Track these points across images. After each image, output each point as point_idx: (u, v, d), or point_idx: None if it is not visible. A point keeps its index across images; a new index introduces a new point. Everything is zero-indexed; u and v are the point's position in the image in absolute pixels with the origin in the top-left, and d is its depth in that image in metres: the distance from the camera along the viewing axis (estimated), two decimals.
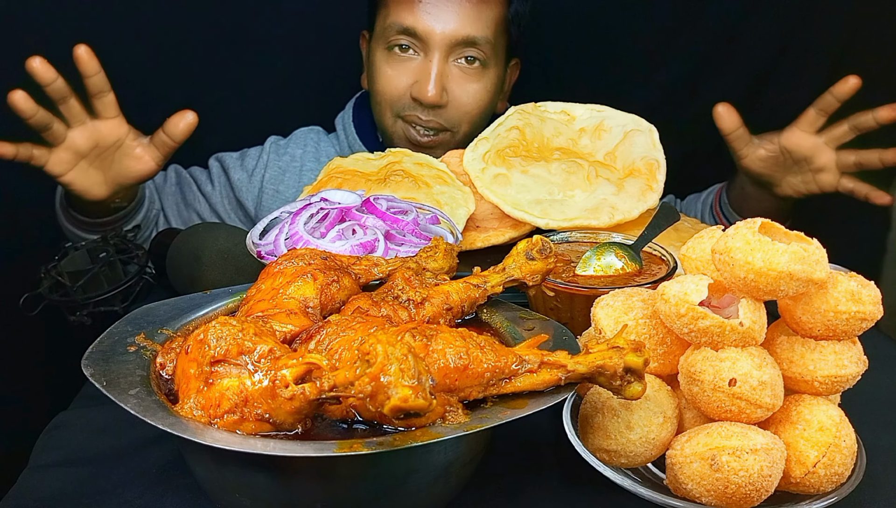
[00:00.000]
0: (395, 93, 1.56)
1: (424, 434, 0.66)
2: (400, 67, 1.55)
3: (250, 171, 1.69)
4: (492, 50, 1.56)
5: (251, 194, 1.68)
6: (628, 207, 1.25)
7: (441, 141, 1.58)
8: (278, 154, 1.70)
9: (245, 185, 1.68)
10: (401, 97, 1.56)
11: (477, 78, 1.56)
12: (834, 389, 0.77)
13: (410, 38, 1.52)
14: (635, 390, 0.71)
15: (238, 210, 1.70)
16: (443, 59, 1.52)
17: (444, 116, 1.56)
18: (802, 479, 0.74)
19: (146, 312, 0.87)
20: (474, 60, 1.54)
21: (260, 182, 1.67)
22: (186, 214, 1.67)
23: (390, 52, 1.55)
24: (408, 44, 1.53)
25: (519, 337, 0.85)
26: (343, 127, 1.73)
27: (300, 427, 0.68)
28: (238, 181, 1.68)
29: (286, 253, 0.92)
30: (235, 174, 1.68)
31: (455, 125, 1.58)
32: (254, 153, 1.72)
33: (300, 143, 1.73)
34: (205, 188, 1.68)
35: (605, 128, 1.38)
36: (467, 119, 1.58)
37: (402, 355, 0.62)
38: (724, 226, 1.50)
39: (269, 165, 1.68)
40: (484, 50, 1.54)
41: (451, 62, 1.53)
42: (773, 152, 1.41)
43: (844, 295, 0.74)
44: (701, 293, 0.73)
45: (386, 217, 1.13)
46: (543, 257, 0.92)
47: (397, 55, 1.55)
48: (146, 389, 0.72)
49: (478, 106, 1.58)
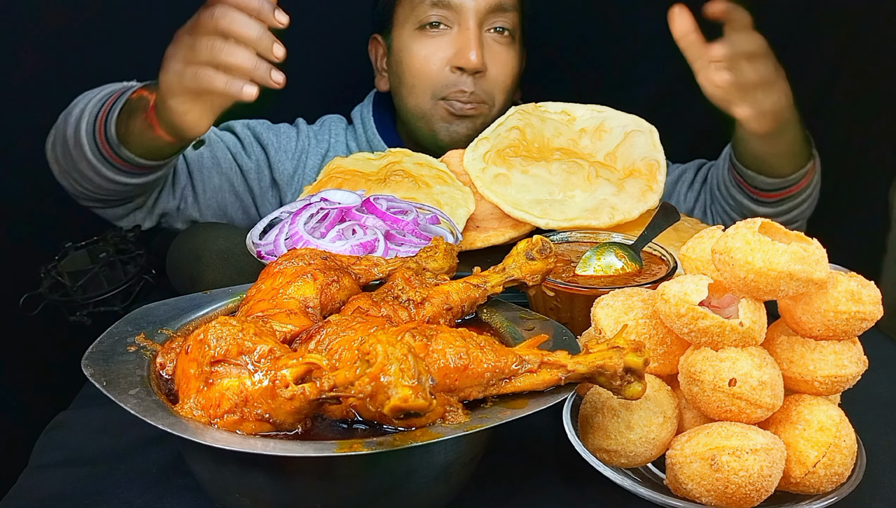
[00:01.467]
0: (433, 71, 1.54)
1: (424, 434, 0.66)
2: (435, 44, 1.54)
3: (290, 153, 1.63)
4: (518, 20, 1.58)
5: (292, 179, 1.62)
6: (628, 207, 1.25)
7: (480, 112, 1.56)
8: (317, 140, 1.67)
9: (286, 168, 1.61)
10: (440, 74, 1.54)
11: (508, 47, 1.57)
12: (834, 389, 0.77)
13: (443, 10, 1.52)
14: (635, 390, 0.71)
15: (271, 189, 1.62)
16: (479, 27, 1.52)
17: (484, 87, 1.55)
18: (802, 479, 0.74)
19: (146, 312, 0.87)
20: (503, 31, 1.56)
21: (303, 168, 1.63)
22: (218, 180, 1.54)
23: (422, 32, 1.54)
24: (438, 19, 1.53)
25: (519, 337, 0.85)
26: (361, 121, 1.70)
27: (300, 427, 0.68)
28: (279, 163, 1.61)
29: (286, 253, 0.92)
30: (276, 155, 1.61)
31: (491, 97, 1.57)
32: (288, 133, 1.64)
33: (332, 130, 1.70)
34: (241, 159, 1.57)
35: (605, 129, 1.38)
36: (501, 90, 1.58)
37: (402, 355, 0.62)
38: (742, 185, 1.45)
39: (309, 151, 1.64)
40: (512, 20, 1.56)
41: (484, 32, 1.54)
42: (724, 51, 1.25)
43: (844, 295, 0.74)
44: (701, 293, 0.73)
45: (386, 217, 1.13)
46: (543, 257, 0.92)
47: (429, 33, 1.54)
48: (146, 389, 0.72)
49: (511, 76, 1.58)
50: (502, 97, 1.58)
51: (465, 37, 1.52)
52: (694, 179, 1.66)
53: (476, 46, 1.51)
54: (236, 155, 1.58)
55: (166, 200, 1.48)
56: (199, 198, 1.53)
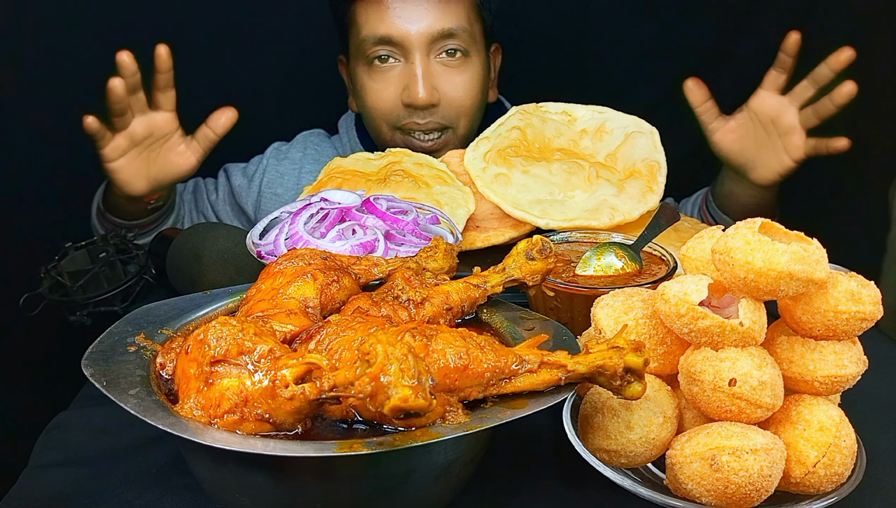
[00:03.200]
0: (386, 106, 1.55)
1: (424, 434, 0.66)
2: (384, 79, 1.54)
3: (250, 176, 1.71)
4: (470, 38, 1.55)
5: (250, 199, 1.69)
6: (629, 208, 1.25)
7: (445, 142, 1.57)
8: (278, 159, 1.71)
9: (245, 190, 1.70)
10: (393, 108, 1.55)
11: (462, 69, 1.55)
12: (834, 389, 0.77)
13: (388, 46, 1.51)
14: (635, 390, 0.71)
15: (240, 215, 1.72)
16: (425, 58, 1.51)
17: (441, 115, 1.55)
18: (802, 479, 0.74)
19: (146, 312, 0.87)
20: (455, 52, 1.53)
21: (259, 186, 1.69)
22: (196, 218, 1.72)
23: (371, 67, 1.54)
24: (387, 53, 1.52)
25: (519, 337, 0.85)
26: (346, 130, 1.73)
27: (300, 427, 0.68)
28: (238, 187, 1.70)
29: (286, 253, 0.92)
30: (236, 180, 1.71)
31: (453, 121, 1.56)
32: (256, 160, 1.74)
33: (300, 146, 1.73)
34: (211, 197, 1.72)
35: (606, 129, 1.38)
36: (464, 112, 1.57)
37: (402, 355, 0.62)
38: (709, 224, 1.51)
39: (267, 169, 1.70)
40: (462, 40, 1.53)
41: (434, 59, 1.52)
42: (741, 120, 1.43)
43: (844, 295, 0.74)
44: (701, 293, 0.73)
45: (386, 217, 1.13)
46: (543, 257, 0.92)
47: (378, 67, 1.54)
48: (146, 389, 0.72)
49: (470, 97, 1.57)
50: (466, 120, 1.58)
51: (411, 73, 1.51)
52: None
53: (423, 82, 1.49)
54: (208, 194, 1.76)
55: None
56: None
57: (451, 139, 1.58)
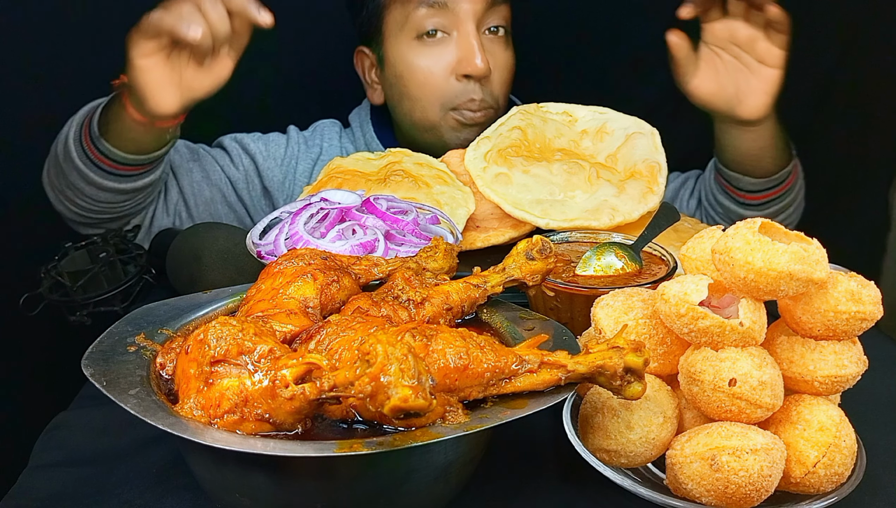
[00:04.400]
0: (439, 81, 1.51)
1: (424, 434, 0.66)
2: (436, 53, 1.50)
3: (279, 160, 1.63)
4: (509, 16, 1.55)
5: (282, 185, 1.62)
6: (629, 208, 1.25)
7: (488, 118, 1.53)
8: (307, 146, 1.65)
9: (276, 175, 1.62)
10: (447, 84, 1.51)
11: (505, 46, 1.55)
12: (834, 389, 0.77)
13: (440, 16, 1.48)
14: (635, 390, 0.71)
15: (263, 198, 1.63)
16: (477, 30, 1.50)
17: (490, 90, 1.53)
18: (802, 479, 0.74)
19: (146, 312, 0.87)
20: (498, 29, 1.53)
21: (293, 173, 1.62)
22: (209, 192, 1.58)
23: (420, 42, 1.50)
24: (435, 27, 1.49)
25: (519, 337, 0.85)
26: (360, 124, 1.68)
27: (300, 427, 0.68)
28: (268, 171, 1.61)
29: (286, 253, 0.92)
30: (264, 162, 1.62)
31: (496, 100, 1.55)
32: (278, 141, 1.65)
33: (325, 136, 1.68)
34: (229, 171, 1.60)
35: (607, 130, 1.38)
36: (503, 91, 1.56)
37: (402, 355, 0.62)
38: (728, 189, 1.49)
39: (299, 156, 1.63)
40: (504, 14, 1.53)
41: (482, 33, 1.51)
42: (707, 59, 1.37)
43: (844, 295, 0.74)
44: (701, 293, 0.73)
45: (386, 217, 1.13)
46: (543, 257, 0.92)
47: (427, 42, 1.50)
48: (146, 389, 0.72)
49: (511, 76, 1.56)
50: (503, 100, 1.57)
51: (467, 42, 1.48)
52: (694, 187, 1.68)
53: (480, 51, 1.48)
54: (224, 167, 1.60)
55: (161, 217, 1.53)
56: (192, 212, 1.56)
57: (492, 116, 1.53)
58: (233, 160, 1.61)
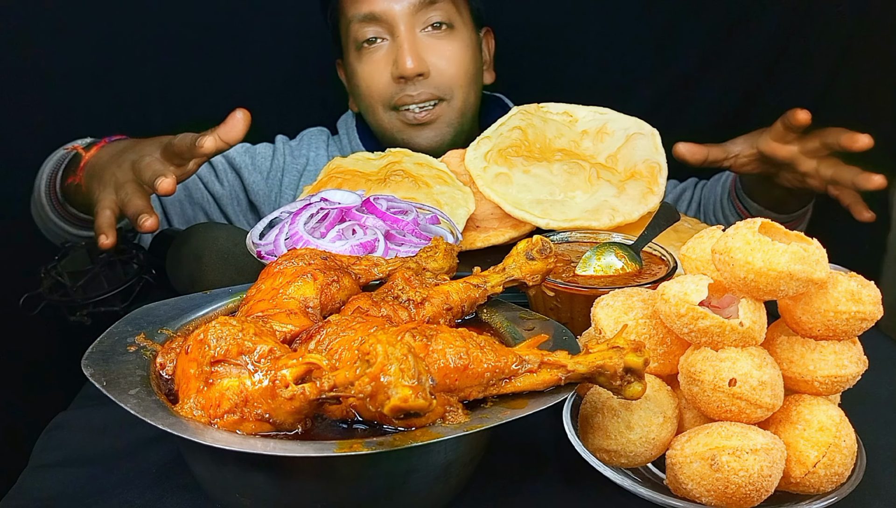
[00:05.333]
0: (379, 84, 1.56)
1: (424, 434, 0.66)
2: (374, 60, 1.55)
3: (265, 173, 1.66)
4: (454, 10, 1.57)
5: (268, 198, 1.65)
6: (629, 209, 1.25)
7: (439, 113, 1.57)
8: (293, 156, 1.68)
9: (261, 188, 1.65)
10: (386, 87, 1.55)
11: (449, 40, 1.56)
12: (834, 389, 0.77)
13: (374, 25, 1.53)
14: (635, 390, 0.71)
15: (249, 212, 1.66)
16: (410, 31, 1.52)
17: (434, 85, 1.55)
18: (802, 479, 0.74)
19: (146, 312, 0.87)
20: (440, 25, 1.55)
21: (278, 186, 1.65)
22: (191, 212, 1.62)
23: (360, 51, 1.56)
24: (374, 35, 1.54)
25: (519, 337, 0.85)
26: (346, 131, 1.72)
27: (300, 427, 0.68)
28: (254, 184, 1.65)
29: (286, 253, 0.92)
30: (249, 176, 1.65)
31: (446, 92, 1.57)
32: (265, 153, 1.67)
33: (312, 145, 1.71)
34: (213, 188, 1.63)
35: (607, 131, 1.38)
36: (457, 84, 1.57)
37: (402, 355, 0.62)
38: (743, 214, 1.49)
39: (286, 168, 1.66)
40: (446, 11, 1.55)
41: (419, 33, 1.54)
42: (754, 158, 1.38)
43: (844, 295, 0.74)
44: (701, 293, 0.73)
45: (386, 217, 1.13)
46: (543, 257, 0.92)
47: (367, 50, 1.55)
48: (146, 389, 0.72)
49: (460, 67, 1.57)
50: (460, 92, 1.58)
51: (398, 47, 1.52)
52: (692, 198, 1.69)
53: (410, 52, 1.51)
54: (208, 183, 1.62)
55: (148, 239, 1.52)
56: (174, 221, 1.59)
57: (445, 111, 1.57)
58: (218, 176, 1.64)
